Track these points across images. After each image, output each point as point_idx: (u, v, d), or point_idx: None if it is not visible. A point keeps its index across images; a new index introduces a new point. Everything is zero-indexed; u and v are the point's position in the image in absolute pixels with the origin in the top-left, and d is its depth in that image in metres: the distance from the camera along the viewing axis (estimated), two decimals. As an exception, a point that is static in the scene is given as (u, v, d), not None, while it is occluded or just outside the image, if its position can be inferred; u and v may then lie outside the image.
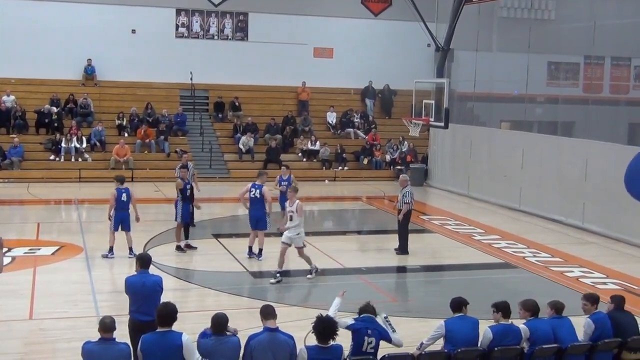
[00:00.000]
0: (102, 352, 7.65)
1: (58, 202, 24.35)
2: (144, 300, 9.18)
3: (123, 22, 31.14)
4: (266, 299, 12.77)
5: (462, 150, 27.66)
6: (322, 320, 8.07)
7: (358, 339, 8.55)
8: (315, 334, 8.04)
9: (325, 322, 8.04)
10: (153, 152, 29.18)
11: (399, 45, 33.15)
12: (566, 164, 21.96)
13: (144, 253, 10.41)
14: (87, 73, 31.24)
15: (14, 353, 10.62)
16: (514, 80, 26.46)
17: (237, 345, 7.92)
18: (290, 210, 14.87)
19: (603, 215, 20.31)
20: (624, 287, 14.96)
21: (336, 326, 8.06)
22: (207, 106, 32.31)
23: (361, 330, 8.58)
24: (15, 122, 28.55)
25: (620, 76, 25.96)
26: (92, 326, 11.32)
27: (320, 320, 8.08)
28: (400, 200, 17.11)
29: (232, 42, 32.90)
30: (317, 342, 8.04)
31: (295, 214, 14.74)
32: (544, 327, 9.00)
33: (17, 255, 16.03)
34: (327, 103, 33.29)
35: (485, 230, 20.85)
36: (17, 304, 12.66)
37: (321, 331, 7.99)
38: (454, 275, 16.28)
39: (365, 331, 8.57)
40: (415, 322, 12.47)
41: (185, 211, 16.81)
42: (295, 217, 14.76)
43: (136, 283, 9.36)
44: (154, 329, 7.86)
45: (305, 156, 30.49)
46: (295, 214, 14.75)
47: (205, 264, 16.84)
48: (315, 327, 8.05)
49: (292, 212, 14.80)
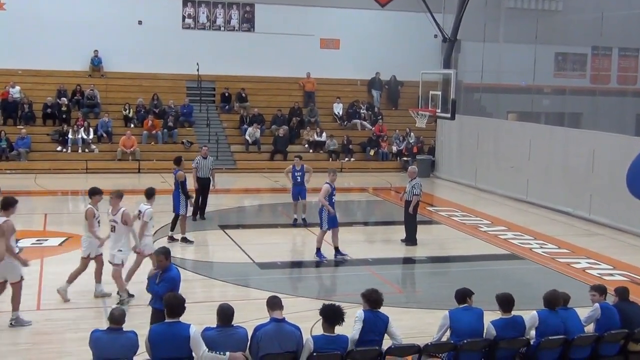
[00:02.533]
0: (110, 340, 7.71)
1: (65, 193, 24.42)
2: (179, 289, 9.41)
3: (129, 13, 31.15)
4: (273, 290, 12.79)
5: (469, 142, 27.61)
6: (329, 306, 8.16)
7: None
8: (323, 319, 8.12)
9: (332, 308, 8.12)
10: (160, 143, 29.21)
11: (406, 36, 33.06)
12: (573, 155, 21.90)
13: (165, 247, 10.24)
14: (93, 64, 31.27)
15: (23, 343, 10.70)
16: (521, 72, 26.39)
17: (244, 336, 7.95)
18: (113, 219, 12.33)
19: (610, 207, 20.26)
20: (631, 279, 14.95)
21: (343, 313, 8.11)
22: (214, 97, 32.30)
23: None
24: (22, 113, 28.61)
25: (627, 67, 25.88)
26: (100, 317, 11.43)
27: (327, 306, 8.17)
28: (409, 192, 17.11)
29: (238, 33, 32.87)
30: (323, 330, 8.08)
31: (119, 224, 12.25)
32: (554, 320, 8.98)
33: (24, 246, 16.05)
34: (333, 94, 33.25)
35: (492, 221, 20.83)
36: (24, 295, 12.64)
37: (329, 316, 8.07)
38: (461, 266, 16.26)
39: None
40: (421, 313, 12.51)
41: (183, 203, 16.85)
42: (118, 229, 12.31)
43: (179, 276, 9.66)
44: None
45: (312, 147, 30.48)
46: (118, 225, 12.27)
47: (211, 255, 16.93)
48: (322, 312, 8.13)
49: (115, 222, 12.29)
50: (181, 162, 17.44)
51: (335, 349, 7.99)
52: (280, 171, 22.62)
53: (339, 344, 8.03)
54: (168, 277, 9.45)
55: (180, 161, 17.49)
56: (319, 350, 7.93)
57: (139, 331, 8.08)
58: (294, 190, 19.06)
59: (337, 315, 8.05)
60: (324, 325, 8.12)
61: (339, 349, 8.01)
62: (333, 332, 8.06)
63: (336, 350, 8.00)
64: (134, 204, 14.71)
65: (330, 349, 7.97)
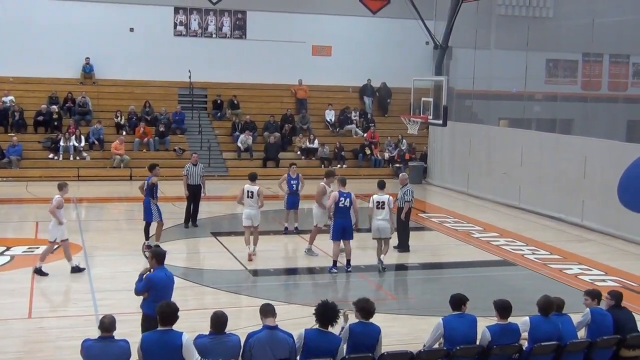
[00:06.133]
0: (101, 349, 7.66)
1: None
2: (167, 294, 9.34)
3: (121, 20, 31.13)
4: (265, 297, 12.76)
5: (461, 148, 27.66)
6: (324, 304, 8.20)
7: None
8: (317, 318, 8.15)
9: (326, 306, 8.16)
10: (151, 150, 29.16)
11: (398, 43, 33.14)
12: (565, 161, 21.96)
13: (159, 249, 10.38)
14: (85, 71, 31.22)
15: (13, 352, 10.61)
16: (513, 78, 26.45)
17: (237, 343, 7.92)
18: None
19: (602, 213, 20.31)
20: (623, 284, 14.96)
21: (338, 312, 8.13)
22: (206, 104, 32.30)
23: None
24: (13, 120, 28.53)
25: (618, 73, 25.99)
26: (91, 325, 11.36)
27: (322, 304, 8.20)
28: (401, 199, 17.11)
29: (230, 40, 32.88)
30: (318, 327, 8.14)
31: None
32: (546, 326, 8.97)
33: (15, 254, 16.03)
34: (325, 101, 33.28)
35: (484, 227, 20.85)
36: (16, 303, 12.65)
37: (322, 314, 8.11)
38: (453, 272, 16.28)
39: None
40: (415, 319, 12.51)
41: (158, 210, 16.56)
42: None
43: (162, 278, 9.55)
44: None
45: (304, 154, 30.48)
46: None
47: (203, 262, 16.88)
48: (317, 310, 8.18)
49: None
50: (154, 169, 16.83)
51: (325, 346, 8.01)
52: (273, 178, 22.60)
53: (330, 342, 8.06)
54: (147, 277, 9.61)
55: (153, 168, 16.88)
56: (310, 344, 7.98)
57: (131, 339, 8.04)
58: (289, 199, 18.81)
59: (330, 315, 8.09)
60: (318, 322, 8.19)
61: (329, 346, 8.04)
62: (327, 329, 8.11)
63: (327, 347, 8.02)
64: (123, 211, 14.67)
65: (320, 342, 8.01)
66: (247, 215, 16.10)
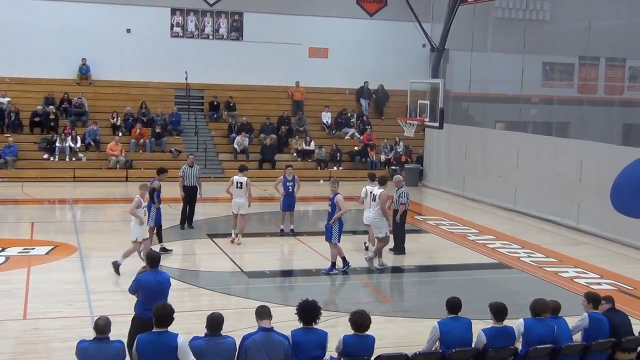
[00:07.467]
0: (96, 350, 7.64)
1: (52, 202, 24.29)
2: (158, 297, 9.18)
3: (118, 21, 31.08)
4: (261, 299, 12.75)
5: (457, 151, 27.68)
6: (304, 302, 8.25)
7: None
8: (299, 317, 8.18)
9: (308, 303, 8.21)
10: (148, 151, 29.13)
11: (394, 46, 33.17)
12: (561, 164, 21.98)
13: (154, 252, 10.40)
14: (81, 72, 31.17)
15: (8, 353, 10.59)
16: (509, 81, 26.46)
17: (232, 345, 7.91)
18: None
19: (597, 216, 20.33)
20: (618, 288, 14.99)
21: (319, 309, 8.17)
22: (202, 106, 32.28)
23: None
24: (9, 121, 28.48)
25: (614, 77, 26.00)
26: (87, 326, 11.34)
27: (303, 302, 8.25)
28: (396, 201, 17.11)
29: (227, 41, 32.87)
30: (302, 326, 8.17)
31: None
32: (540, 328, 8.97)
33: (11, 255, 16.00)
34: (322, 103, 33.27)
35: (480, 230, 20.87)
36: (11, 304, 12.63)
37: (304, 311, 8.16)
38: (449, 275, 16.28)
39: None
40: (410, 322, 12.50)
41: (158, 214, 16.69)
42: None
43: (151, 281, 9.51)
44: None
45: (300, 156, 30.49)
46: None
47: (199, 263, 16.87)
48: (298, 309, 8.21)
49: None
50: (161, 173, 17.25)
51: (313, 341, 8.03)
52: (269, 180, 22.61)
53: (317, 337, 8.08)
54: (135, 278, 9.79)
55: (161, 172, 17.30)
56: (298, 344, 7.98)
57: (125, 340, 8.03)
58: (285, 200, 18.84)
59: (312, 313, 8.12)
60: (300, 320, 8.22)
61: (316, 342, 8.05)
62: (310, 326, 8.14)
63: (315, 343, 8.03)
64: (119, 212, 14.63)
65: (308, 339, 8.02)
66: (235, 204, 17.74)
